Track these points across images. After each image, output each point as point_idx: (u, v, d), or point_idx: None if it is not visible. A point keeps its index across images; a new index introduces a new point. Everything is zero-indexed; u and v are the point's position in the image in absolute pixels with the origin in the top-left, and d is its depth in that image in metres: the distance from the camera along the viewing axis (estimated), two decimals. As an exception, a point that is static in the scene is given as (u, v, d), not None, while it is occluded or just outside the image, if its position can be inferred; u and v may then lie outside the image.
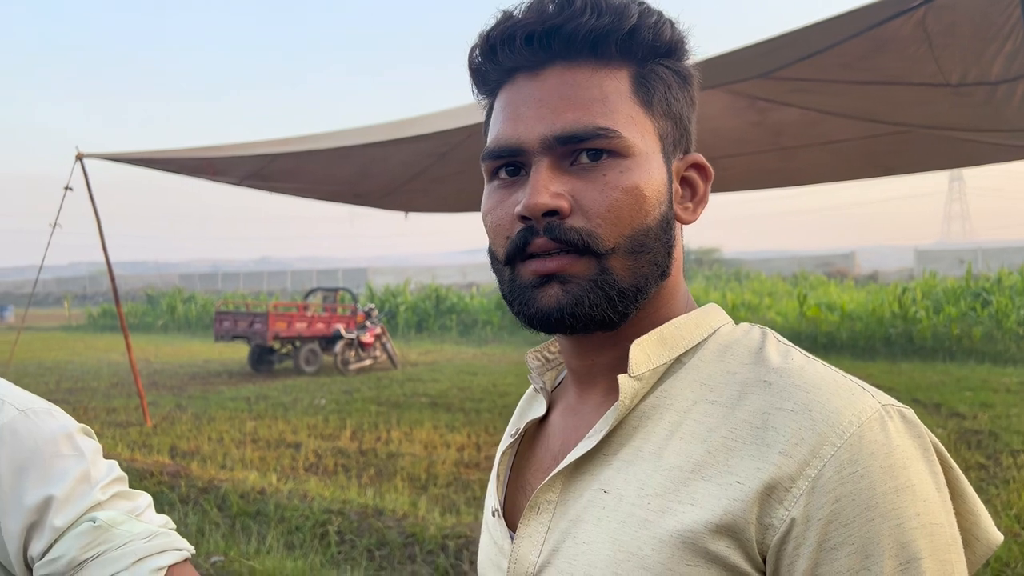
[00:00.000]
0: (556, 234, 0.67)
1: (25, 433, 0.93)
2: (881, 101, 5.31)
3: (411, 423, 8.25)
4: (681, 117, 0.73)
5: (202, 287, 42.90)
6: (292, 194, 9.52)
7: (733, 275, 29.60)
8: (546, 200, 0.66)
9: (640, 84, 0.70)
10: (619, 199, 0.67)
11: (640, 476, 0.66)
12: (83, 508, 0.91)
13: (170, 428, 8.22)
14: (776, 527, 0.60)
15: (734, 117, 6.01)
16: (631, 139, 0.68)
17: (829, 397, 0.63)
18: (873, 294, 18.10)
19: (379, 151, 7.06)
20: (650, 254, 0.69)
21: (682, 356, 0.72)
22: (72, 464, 0.93)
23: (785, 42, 4.04)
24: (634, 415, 0.69)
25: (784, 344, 0.71)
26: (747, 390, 0.66)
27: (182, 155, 7.89)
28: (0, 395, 0.96)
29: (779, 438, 0.62)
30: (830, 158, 7.41)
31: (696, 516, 0.62)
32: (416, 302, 22.54)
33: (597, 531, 0.66)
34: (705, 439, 0.65)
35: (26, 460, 0.91)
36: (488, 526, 0.82)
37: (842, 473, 0.59)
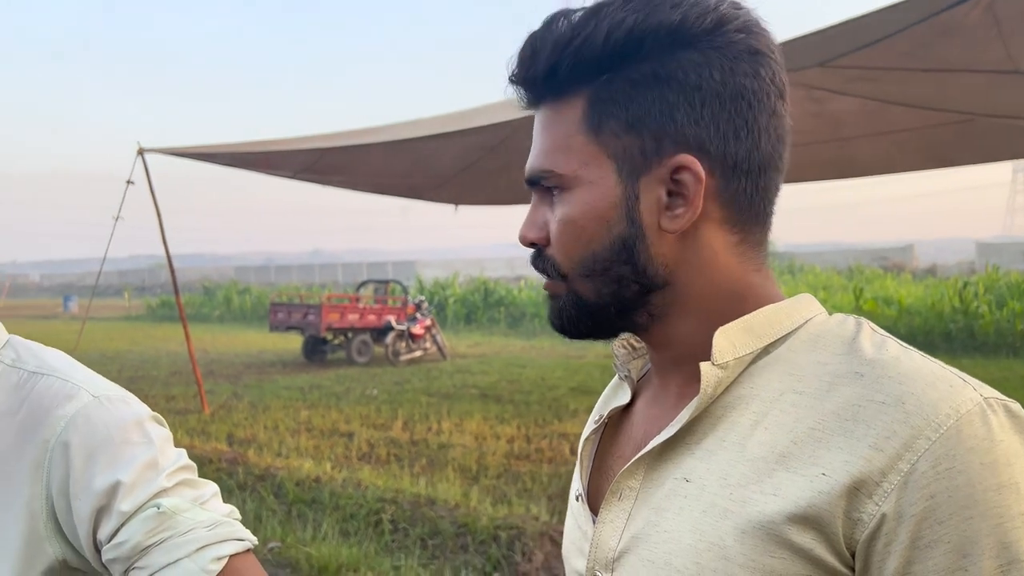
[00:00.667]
0: (536, 263, 0.77)
1: (98, 419, 0.95)
2: (944, 89, 5.16)
3: (461, 414, 8.31)
4: (649, 124, 0.68)
5: (256, 279, 43.78)
6: (344, 187, 9.65)
7: (786, 268, 29.10)
8: (525, 232, 0.77)
9: (592, 108, 0.70)
10: (561, 231, 0.73)
11: (723, 466, 0.66)
12: (149, 494, 0.92)
13: (227, 416, 8.42)
14: (865, 522, 0.59)
15: (792, 107, 5.90)
16: (569, 173, 0.71)
17: (924, 389, 0.61)
18: (932, 288, 17.62)
19: (431, 144, 7.11)
20: (606, 275, 0.72)
21: (770, 346, 0.70)
22: (140, 451, 0.94)
23: (845, 30, 3.95)
24: (719, 404, 0.69)
25: (880, 334, 0.69)
26: (837, 381, 0.64)
27: (239, 149, 8.06)
28: (77, 381, 0.98)
29: (870, 431, 0.60)
30: (889, 149, 7.23)
31: (779, 507, 0.61)
32: (465, 295, 22.66)
33: (679, 520, 0.66)
34: (791, 430, 0.64)
35: (97, 446, 0.93)
36: (572, 510, 0.83)
37: (937, 468, 0.58)
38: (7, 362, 1.01)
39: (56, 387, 0.97)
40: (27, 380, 0.98)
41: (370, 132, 7.62)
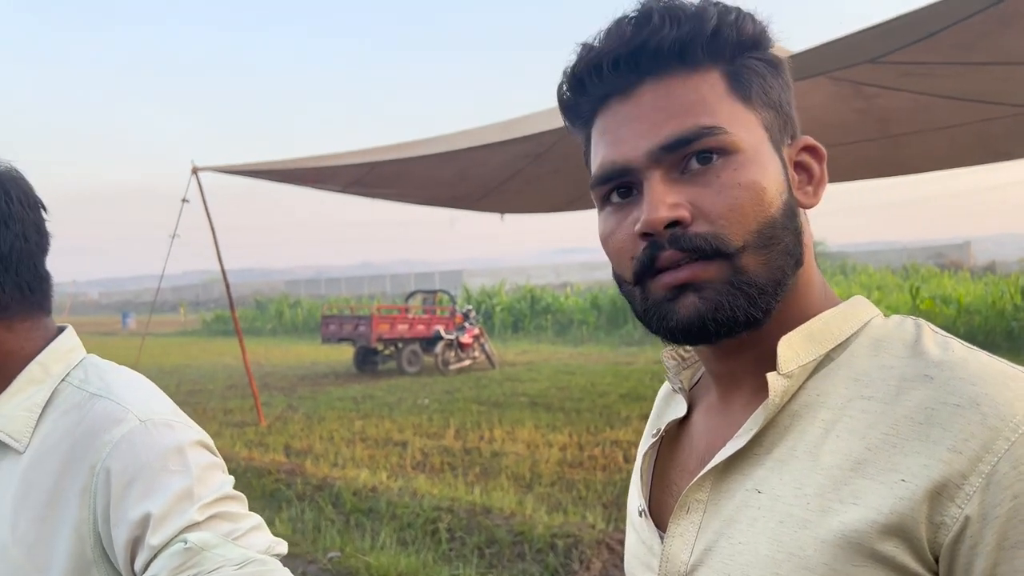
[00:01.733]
0: (682, 244, 0.67)
1: (140, 445, 0.94)
2: (999, 82, 5.03)
3: (512, 422, 8.33)
4: (781, 104, 0.73)
5: (306, 292, 44.46)
6: (393, 199, 9.77)
7: (839, 268, 28.53)
8: (665, 213, 0.67)
9: (735, 81, 0.70)
10: (739, 196, 0.67)
11: (796, 476, 0.65)
12: (179, 527, 0.89)
13: (283, 428, 8.57)
14: (949, 526, 0.58)
15: (838, 105, 5.81)
16: (737, 135, 0.68)
17: (999, 389, 0.61)
18: (992, 285, 17.10)
19: (477, 154, 7.16)
20: (781, 244, 0.69)
21: (832, 352, 0.70)
22: (176, 480, 0.92)
23: (897, 25, 3.88)
24: (785, 414, 0.69)
25: (941, 335, 0.69)
26: (906, 385, 0.64)
27: (289, 166, 8.22)
28: (128, 404, 0.97)
29: (946, 434, 0.60)
30: (942, 144, 7.06)
31: (861, 515, 0.61)
32: (511, 303, 22.70)
33: (753, 531, 0.66)
34: (864, 436, 0.64)
35: (135, 473, 0.92)
36: (635, 526, 0.82)
37: (1019, 468, 0.57)
38: (75, 383, 1.02)
39: (109, 410, 0.96)
40: (86, 401, 0.99)
41: (417, 145, 7.70)
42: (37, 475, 0.95)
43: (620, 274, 0.73)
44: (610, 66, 0.70)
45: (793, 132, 0.74)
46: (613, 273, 0.75)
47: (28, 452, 0.96)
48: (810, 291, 0.74)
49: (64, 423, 0.97)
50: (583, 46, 0.73)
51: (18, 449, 0.97)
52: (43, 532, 0.93)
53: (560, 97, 0.76)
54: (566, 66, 0.74)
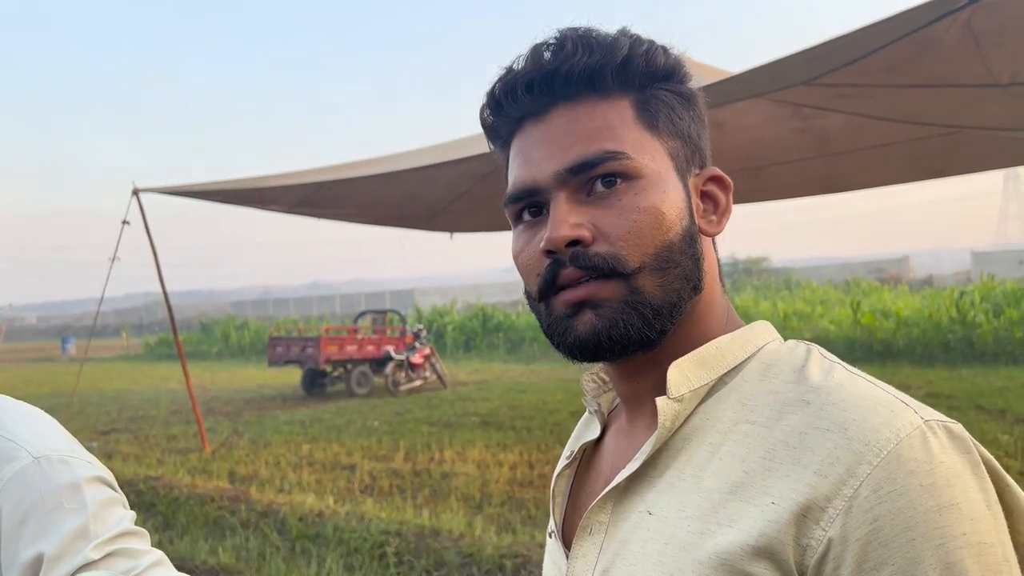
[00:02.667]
0: (581, 262, 0.69)
1: (33, 483, 0.91)
2: (928, 104, 5.22)
3: (463, 443, 8.29)
4: (689, 135, 0.75)
5: (254, 313, 43.71)
6: (340, 219, 9.69)
7: (783, 284, 29.14)
8: (566, 232, 0.69)
9: (643, 109, 0.73)
10: (637, 220, 0.70)
11: (681, 498, 0.67)
12: (73, 567, 0.87)
13: (228, 453, 8.38)
14: (814, 548, 0.59)
15: (778, 125, 5.97)
16: (641, 160, 0.71)
17: (866, 415, 0.62)
18: (929, 299, 17.63)
19: (424, 174, 7.16)
20: (678, 268, 0.71)
21: (725, 376, 0.72)
22: (71, 519, 0.89)
23: (828, 49, 4.01)
24: (678, 436, 0.70)
25: (828, 360, 0.71)
26: (786, 409, 0.66)
27: (233, 186, 8.10)
28: (21, 440, 0.94)
29: (814, 458, 0.61)
30: (877, 162, 7.29)
31: (734, 538, 0.62)
32: (463, 321, 22.65)
33: (643, 552, 0.67)
34: (744, 460, 0.65)
35: (27, 512, 0.89)
36: (548, 547, 0.84)
37: (879, 492, 0.58)
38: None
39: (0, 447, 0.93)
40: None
41: (363, 165, 7.67)
42: None
43: (528, 290, 0.76)
44: (524, 89, 0.73)
45: (702, 162, 0.77)
46: (524, 290, 0.77)
47: None
48: (709, 316, 0.75)
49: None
50: (505, 69, 0.75)
51: None
52: None
53: (482, 117, 0.79)
54: (488, 88, 0.77)
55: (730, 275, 8.07)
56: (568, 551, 0.76)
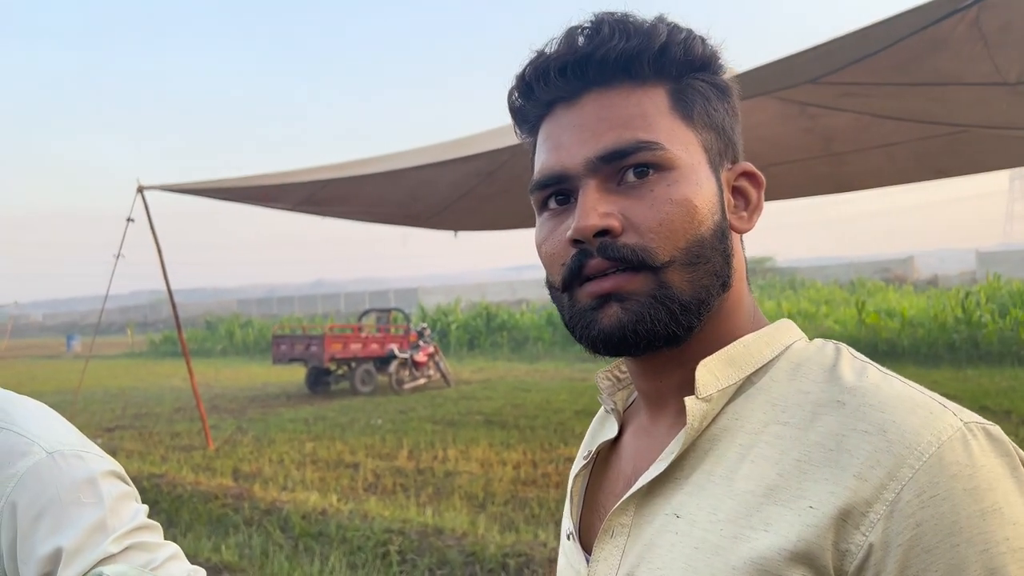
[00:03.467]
0: (609, 253, 0.67)
1: (48, 478, 0.91)
2: (935, 102, 5.20)
3: (467, 441, 8.28)
4: (724, 128, 0.74)
5: (259, 312, 43.79)
6: (344, 217, 9.69)
7: (788, 283, 29.08)
8: (595, 221, 0.67)
9: (678, 98, 0.71)
10: (670, 212, 0.67)
11: (712, 501, 0.65)
12: (92, 560, 0.88)
13: (232, 451, 8.39)
14: (854, 553, 0.58)
15: (784, 124, 5.95)
16: (675, 151, 0.69)
17: (906, 416, 0.61)
18: (934, 299, 17.59)
19: (428, 173, 7.15)
20: (708, 264, 0.69)
21: (753, 375, 0.70)
22: (88, 512, 0.90)
23: (835, 47, 3.99)
24: (705, 437, 0.69)
25: (860, 360, 0.69)
26: (820, 410, 0.64)
27: (237, 184, 8.10)
28: (33, 436, 0.95)
29: (853, 461, 0.60)
30: (883, 162, 7.26)
31: (770, 542, 0.60)
32: (467, 320, 22.65)
33: (670, 556, 0.66)
34: (777, 462, 0.64)
35: (44, 507, 0.89)
36: (564, 549, 0.82)
37: (922, 497, 0.57)
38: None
39: (11, 443, 0.94)
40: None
41: (367, 163, 7.66)
42: None
43: (551, 280, 0.74)
44: (557, 72, 0.71)
45: (734, 156, 0.75)
46: (546, 280, 0.75)
47: None
48: (737, 314, 0.74)
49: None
50: (537, 52, 0.73)
51: None
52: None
53: (510, 101, 0.77)
54: (517, 71, 0.75)
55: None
56: (587, 554, 0.75)
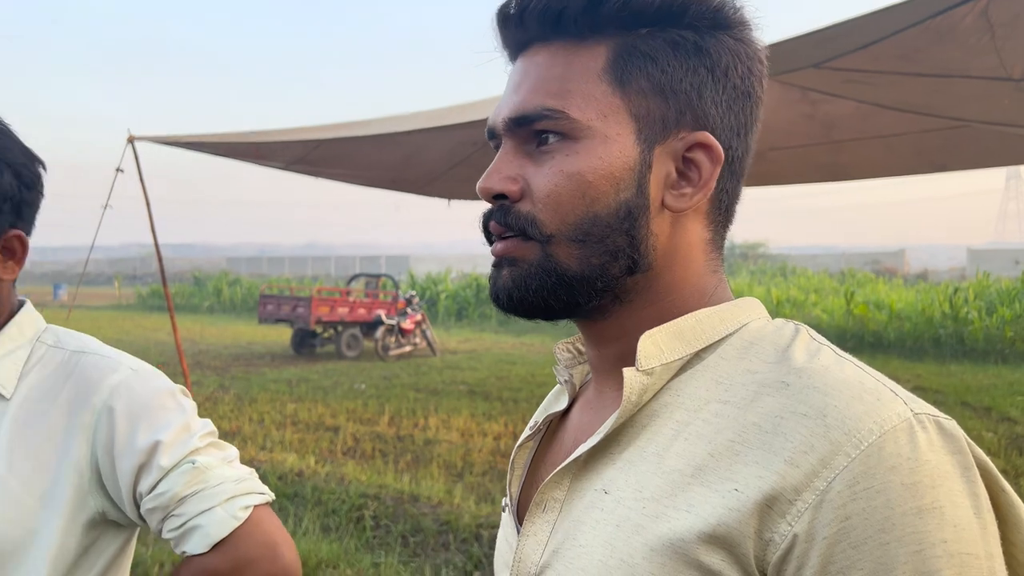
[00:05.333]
0: (501, 218, 0.68)
1: (139, 388, 1.07)
2: (938, 94, 5.15)
3: (449, 410, 8.28)
4: (678, 91, 0.66)
5: (248, 270, 43.64)
6: (337, 179, 9.60)
7: (779, 270, 29.15)
8: (493, 184, 0.67)
9: (616, 60, 0.65)
10: (559, 185, 0.65)
11: (640, 478, 0.62)
12: (184, 452, 1.04)
13: (213, 408, 8.36)
14: (777, 543, 0.54)
15: (785, 109, 5.88)
16: (583, 120, 0.64)
17: (849, 401, 0.56)
18: (923, 293, 17.65)
19: (423, 138, 7.07)
20: (601, 244, 0.65)
21: (702, 352, 0.66)
22: (176, 416, 1.06)
23: (840, 31, 3.92)
24: (644, 412, 0.65)
25: (816, 342, 0.65)
26: (763, 391, 0.60)
27: (230, 139, 7.99)
28: (116, 357, 1.11)
29: (787, 445, 0.56)
30: (882, 153, 7.22)
31: (689, 524, 0.57)
32: (457, 290, 22.62)
33: (594, 534, 0.63)
34: (710, 441, 0.60)
35: (139, 410, 1.05)
36: (503, 522, 0.80)
37: (854, 488, 0.53)
38: (49, 343, 1.12)
39: (99, 362, 1.09)
40: (70, 358, 1.10)
41: (362, 125, 7.56)
42: (31, 418, 1.05)
43: None
44: (501, 22, 0.70)
45: (693, 124, 0.67)
46: None
47: (15, 399, 1.06)
48: (674, 296, 0.69)
49: (52, 376, 1.08)
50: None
51: (5, 395, 1.06)
52: (41, 465, 1.03)
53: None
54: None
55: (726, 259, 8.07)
56: (521, 527, 0.71)
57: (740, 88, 0.68)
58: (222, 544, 1.01)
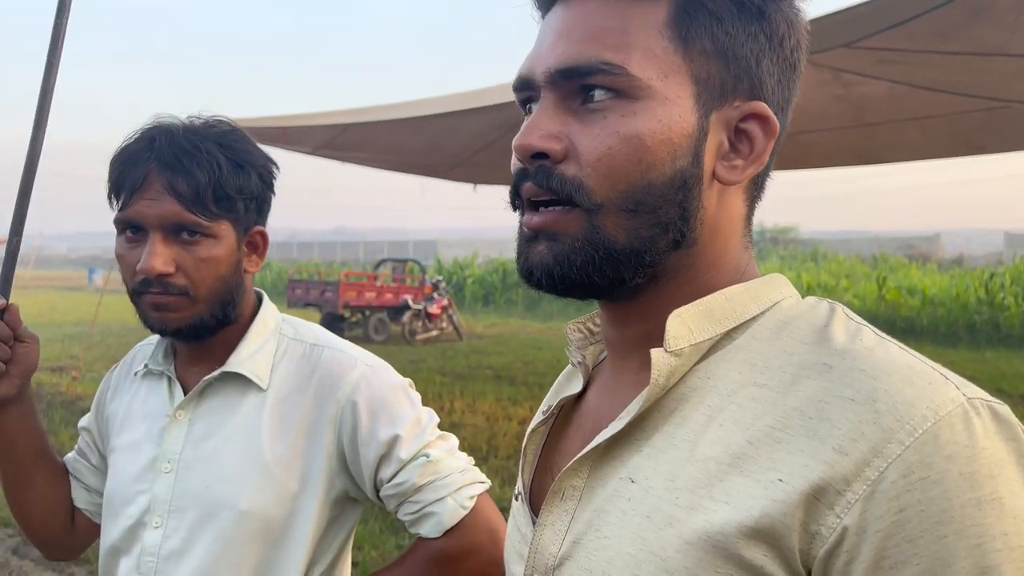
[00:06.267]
0: (542, 180, 0.61)
1: (376, 384, 1.15)
2: (975, 74, 5.01)
3: (474, 394, 8.30)
4: (739, 57, 0.62)
5: (278, 255, 44.02)
6: (363, 164, 9.63)
7: (810, 255, 28.78)
8: (532, 141, 0.61)
9: (680, 16, 0.61)
10: (613, 147, 0.59)
11: (671, 466, 0.59)
12: (420, 446, 1.13)
13: (242, 391, 8.44)
14: (824, 536, 0.52)
15: (816, 90, 5.77)
16: (644, 79, 0.59)
17: (900, 386, 0.53)
18: (958, 279, 17.32)
19: (449, 122, 7.05)
20: (653, 215, 0.61)
21: (732, 331, 0.63)
22: (409, 411, 1.15)
23: (874, 8, 3.83)
24: (671, 396, 0.62)
25: (855, 322, 0.61)
26: (803, 373, 0.57)
27: (256, 124, 8.04)
28: (353, 354, 1.19)
29: (834, 431, 0.53)
30: (917, 135, 7.07)
31: (729, 516, 0.54)
32: (483, 275, 22.62)
33: (620, 524, 0.60)
34: (748, 428, 0.56)
35: (379, 406, 1.13)
36: (513, 511, 0.76)
37: (909, 478, 0.50)
38: (290, 335, 1.21)
39: (338, 358, 1.17)
40: (311, 351, 1.19)
41: (387, 109, 7.57)
42: (287, 408, 1.14)
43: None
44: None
45: (748, 93, 0.63)
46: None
47: (271, 391, 1.15)
48: (715, 270, 0.65)
49: (298, 369, 1.17)
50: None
51: (262, 387, 1.15)
52: (298, 452, 1.12)
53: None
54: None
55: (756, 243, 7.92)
56: (536, 517, 0.68)
57: (789, 60, 0.65)
58: (453, 530, 1.13)
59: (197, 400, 1.16)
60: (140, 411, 1.21)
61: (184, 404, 1.16)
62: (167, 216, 1.07)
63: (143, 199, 1.08)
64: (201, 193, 1.08)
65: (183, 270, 1.10)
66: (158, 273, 1.08)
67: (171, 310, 1.12)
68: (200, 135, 1.11)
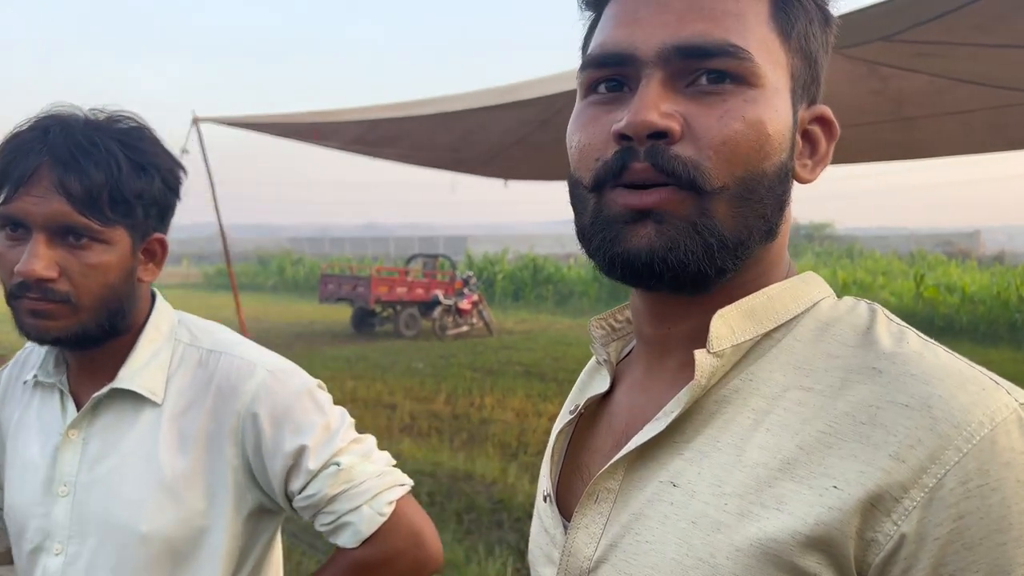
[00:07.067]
0: (658, 160, 0.57)
1: (278, 391, 1.09)
2: (1018, 67, 4.89)
3: (504, 390, 8.30)
4: (816, 59, 0.64)
5: (310, 250, 44.40)
6: (394, 159, 9.66)
7: (845, 252, 28.38)
8: (655, 118, 0.56)
9: (781, 10, 0.61)
10: (739, 131, 0.57)
11: (717, 471, 0.57)
12: (329, 453, 1.08)
13: (274, 384, 8.53)
14: (881, 543, 0.51)
15: (852, 85, 5.67)
16: (763, 67, 0.58)
17: (954, 391, 0.52)
18: (999, 276, 16.96)
19: (480, 117, 7.04)
20: (760, 205, 0.59)
21: (773, 332, 0.62)
22: (316, 417, 1.09)
23: (911, 1, 3.75)
24: (711, 398, 0.60)
25: (897, 324, 0.61)
26: (851, 377, 0.56)
27: (290, 120, 8.11)
28: (252, 359, 1.12)
29: (890, 438, 0.52)
30: (956, 130, 6.92)
31: (783, 523, 0.53)
32: (514, 271, 22.61)
33: (663, 530, 0.58)
34: (797, 432, 0.55)
35: (282, 415, 1.07)
36: (539, 513, 0.74)
37: (968, 485, 0.50)
38: (185, 341, 1.14)
39: (236, 365, 1.10)
40: (207, 358, 1.12)
41: (418, 104, 7.58)
42: (185, 422, 1.08)
43: (578, 176, 0.63)
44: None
45: (815, 96, 0.65)
46: (569, 176, 0.65)
47: (167, 404, 1.08)
48: (774, 270, 0.65)
49: (194, 378, 1.10)
50: None
51: (156, 402, 1.08)
52: (200, 468, 1.07)
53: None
54: None
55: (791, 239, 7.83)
56: (565, 519, 0.67)
57: (825, 66, 0.67)
58: (372, 539, 1.08)
59: (90, 417, 1.09)
60: (34, 425, 1.13)
61: (76, 423, 1.08)
62: (54, 216, 0.97)
63: (29, 195, 0.97)
64: (95, 195, 0.98)
65: (67, 275, 1.00)
66: (38, 277, 0.97)
67: (50, 318, 1.01)
68: (101, 130, 1.01)
